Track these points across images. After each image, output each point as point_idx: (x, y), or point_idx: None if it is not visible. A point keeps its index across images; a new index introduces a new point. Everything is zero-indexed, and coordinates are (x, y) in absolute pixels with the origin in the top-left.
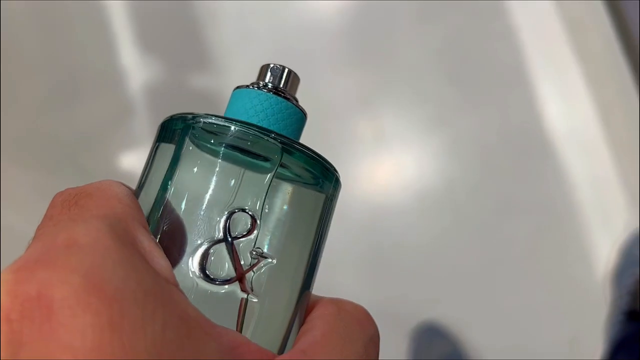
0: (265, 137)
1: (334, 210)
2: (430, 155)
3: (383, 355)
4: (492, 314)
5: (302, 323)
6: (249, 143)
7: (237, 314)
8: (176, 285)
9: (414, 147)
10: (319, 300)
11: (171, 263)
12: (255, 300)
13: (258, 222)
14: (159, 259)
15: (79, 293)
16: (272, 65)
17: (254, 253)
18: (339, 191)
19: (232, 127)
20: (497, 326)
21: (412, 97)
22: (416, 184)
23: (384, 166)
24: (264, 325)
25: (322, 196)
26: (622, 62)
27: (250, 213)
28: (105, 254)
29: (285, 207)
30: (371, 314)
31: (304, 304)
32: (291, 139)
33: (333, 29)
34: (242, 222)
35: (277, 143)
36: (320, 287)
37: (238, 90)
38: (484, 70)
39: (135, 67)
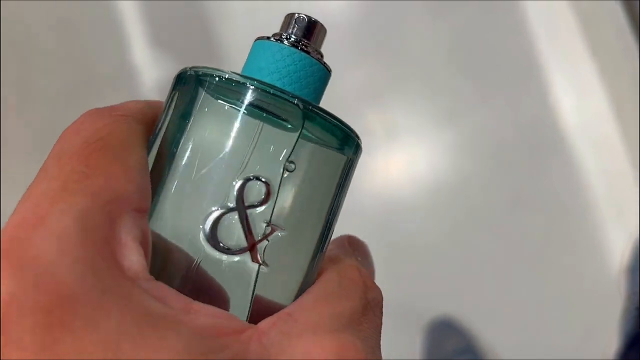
0: (286, 99)
1: (352, 175)
2: (442, 150)
3: (396, 351)
4: (505, 309)
5: (315, 275)
6: (268, 103)
7: (246, 283)
8: (147, 279)
9: (425, 141)
10: (324, 267)
11: (179, 228)
12: (266, 270)
13: (273, 189)
14: (131, 254)
15: (29, 291)
16: (296, 16)
17: (267, 223)
18: (359, 157)
19: (250, 86)
20: (510, 322)
21: (424, 91)
22: (428, 179)
23: (395, 161)
24: (274, 295)
25: (343, 158)
26: (635, 56)
27: (265, 181)
28: (67, 250)
29: (303, 169)
30: (384, 310)
31: (317, 269)
32: (311, 103)
33: (344, 23)
34: (257, 190)
35: (299, 107)
36: None
37: (259, 42)
38: (497, 64)
39: (148, 65)
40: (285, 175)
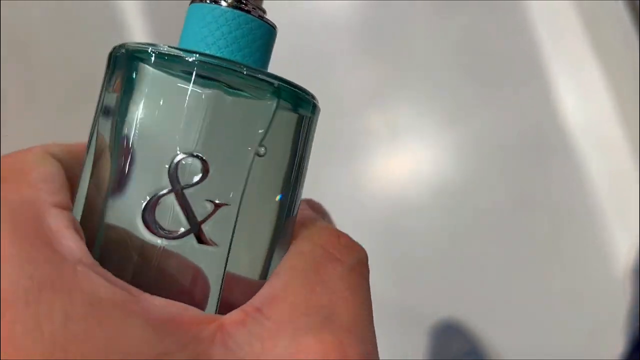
0: (255, 77)
1: (312, 136)
2: (445, 151)
3: (401, 353)
4: (510, 311)
5: (288, 239)
6: (217, 75)
7: (192, 267)
8: (90, 264)
9: (429, 142)
10: (296, 233)
11: (120, 219)
12: (217, 249)
13: (212, 165)
14: (67, 240)
15: None
16: None
17: (209, 200)
18: (317, 117)
19: (189, 59)
20: (515, 323)
21: (428, 92)
22: (431, 180)
23: (399, 162)
24: (239, 270)
25: (297, 117)
26: (639, 57)
27: (199, 156)
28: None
29: (247, 135)
30: (388, 311)
31: (287, 234)
32: (256, 69)
33: (348, 23)
34: (193, 167)
35: (273, 85)
36: None
37: (193, 5)
38: (501, 66)
39: None
40: (254, 160)
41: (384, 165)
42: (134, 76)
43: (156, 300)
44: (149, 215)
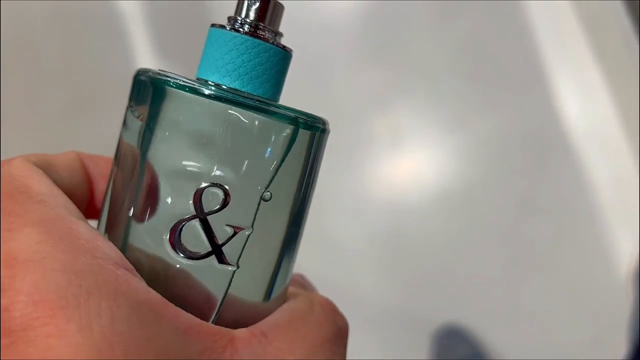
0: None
1: (320, 161)
2: (448, 156)
3: (404, 358)
4: (513, 315)
5: (288, 277)
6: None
7: (216, 285)
8: (127, 268)
9: (431, 147)
10: (295, 291)
11: (145, 240)
12: (234, 269)
13: (232, 193)
14: (103, 248)
15: (26, 310)
16: None
17: (229, 225)
18: (326, 139)
19: (206, 92)
20: (518, 327)
21: (430, 97)
22: (434, 185)
23: (401, 167)
24: (243, 292)
25: (306, 141)
26: None
27: (224, 187)
28: (45, 265)
29: (262, 162)
30: (390, 315)
31: (289, 265)
32: (272, 102)
33: (349, 28)
34: (215, 195)
35: (288, 127)
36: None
37: (213, 29)
38: (502, 70)
39: None
40: (260, 204)
41: (387, 170)
42: (157, 105)
43: (178, 310)
44: (174, 237)
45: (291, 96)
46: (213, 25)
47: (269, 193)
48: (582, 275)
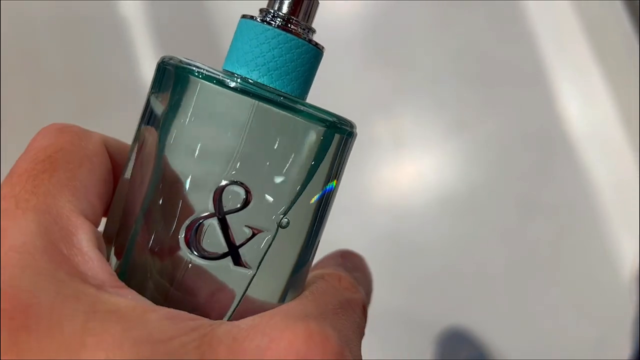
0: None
1: (344, 166)
2: (450, 159)
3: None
4: (516, 317)
5: (303, 283)
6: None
7: (232, 286)
8: (116, 286)
9: (434, 150)
10: (310, 280)
11: (160, 236)
12: (249, 272)
13: (253, 192)
14: (92, 260)
15: None
16: None
17: (248, 227)
18: (351, 146)
19: (232, 84)
20: (522, 330)
21: (432, 100)
22: (437, 188)
23: (404, 170)
24: (259, 294)
25: (335, 143)
26: None
27: (245, 185)
28: (28, 262)
29: (287, 163)
30: (394, 319)
31: (307, 265)
32: (296, 98)
33: (351, 33)
34: (236, 194)
35: (315, 129)
36: None
37: (244, 20)
38: (503, 73)
39: None
40: (277, 228)
41: (390, 173)
42: (180, 94)
43: (164, 308)
44: (190, 235)
45: None
46: (244, 16)
47: (286, 220)
48: (585, 277)
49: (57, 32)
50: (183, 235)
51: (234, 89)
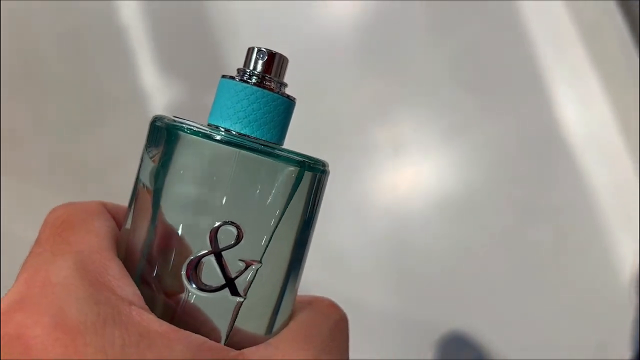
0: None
1: (320, 200)
2: (449, 164)
3: None
4: (516, 320)
5: (289, 310)
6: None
7: (226, 315)
8: (142, 307)
9: (433, 156)
10: (301, 307)
11: (161, 275)
12: (243, 302)
13: (244, 230)
14: (125, 286)
15: (49, 331)
16: (257, 50)
17: (242, 261)
18: (325, 182)
19: (217, 137)
20: (522, 332)
21: (430, 106)
22: (436, 193)
23: (403, 176)
24: (250, 324)
25: (308, 182)
26: (638, 64)
27: (237, 225)
28: (71, 292)
29: (277, 205)
30: (393, 322)
31: (291, 296)
32: (274, 144)
33: (349, 40)
34: (229, 232)
35: (294, 169)
36: (343, 296)
37: (224, 80)
38: (501, 78)
39: (157, 89)
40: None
41: (389, 178)
42: (171, 148)
43: (189, 333)
44: (190, 271)
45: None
46: (224, 76)
47: (260, 264)
48: (584, 280)
49: (56, 41)
50: (184, 272)
51: (219, 141)
